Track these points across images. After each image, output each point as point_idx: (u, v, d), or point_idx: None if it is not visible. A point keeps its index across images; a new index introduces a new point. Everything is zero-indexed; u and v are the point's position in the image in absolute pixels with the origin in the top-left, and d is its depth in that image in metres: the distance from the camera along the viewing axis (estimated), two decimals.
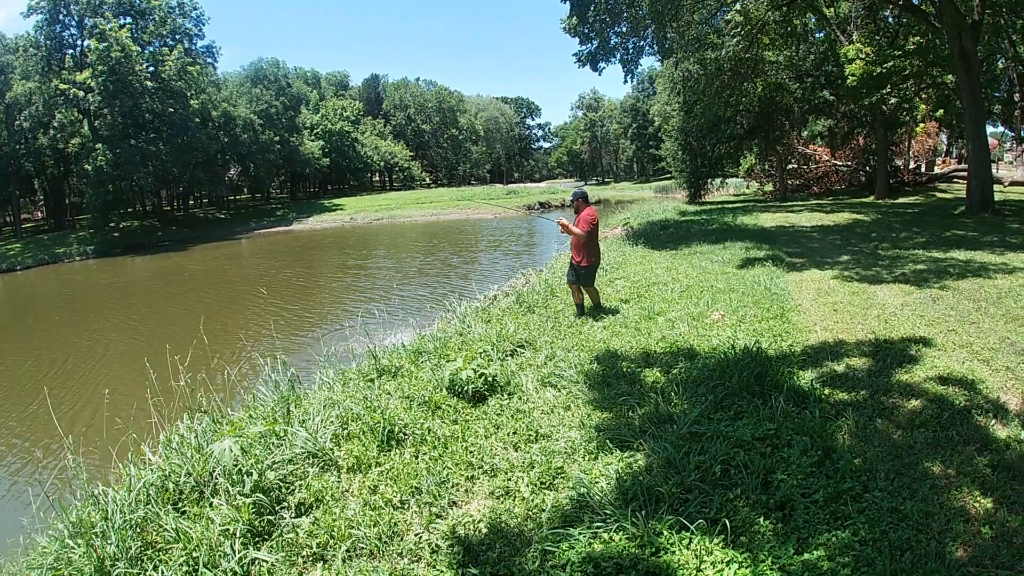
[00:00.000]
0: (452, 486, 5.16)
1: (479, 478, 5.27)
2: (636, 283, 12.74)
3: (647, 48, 26.55)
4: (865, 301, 9.94)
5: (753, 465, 4.80)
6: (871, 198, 30.95)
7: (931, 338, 7.72)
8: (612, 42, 25.37)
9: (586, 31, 24.82)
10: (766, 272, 12.56)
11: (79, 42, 56.41)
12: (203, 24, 63.25)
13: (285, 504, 5.20)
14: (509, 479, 5.12)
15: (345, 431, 6.32)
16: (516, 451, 5.62)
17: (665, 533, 4.08)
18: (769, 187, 42.09)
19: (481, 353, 8.06)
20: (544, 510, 4.61)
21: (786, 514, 4.29)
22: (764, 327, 8.50)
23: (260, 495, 5.02)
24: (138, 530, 4.89)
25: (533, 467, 5.23)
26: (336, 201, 79.21)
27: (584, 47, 25.46)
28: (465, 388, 6.83)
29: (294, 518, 5.00)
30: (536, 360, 8.02)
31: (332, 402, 7.08)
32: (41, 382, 15.43)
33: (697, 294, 10.99)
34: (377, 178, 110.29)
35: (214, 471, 5.45)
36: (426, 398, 6.85)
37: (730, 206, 34.28)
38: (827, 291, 10.92)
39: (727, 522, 4.07)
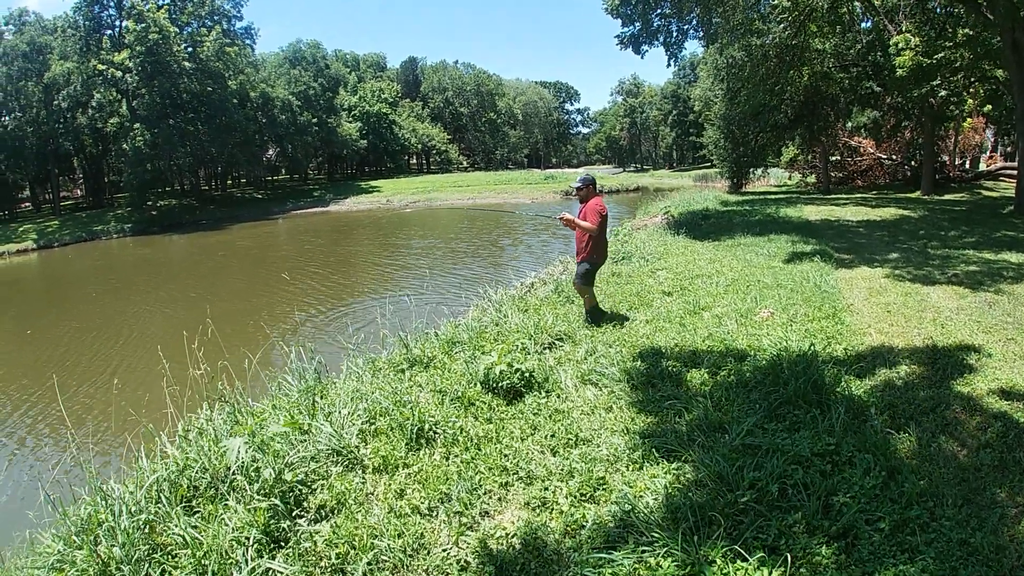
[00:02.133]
0: (484, 493, 4.79)
1: (514, 485, 4.88)
2: (679, 275, 12.22)
3: (691, 32, 25.82)
4: (919, 303, 9.36)
5: (813, 485, 4.34)
6: (916, 194, 29.93)
7: (989, 347, 7.16)
8: (655, 24, 24.65)
9: (628, 12, 24.12)
10: (815, 268, 11.97)
11: (117, 23, 57.13)
12: (242, 5, 63.77)
13: (305, 506, 4.87)
14: (546, 488, 4.72)
15: (372, 427, 5.98)
16: (554, 456, 5.21)
17: (718, 562, 3.65)
18: (812, 179, 41.10)
19: (518, 347, 7.66)
20: (584, 527, 4.21)
21: (849, 543, 3.86)
22: (816, 327, 7.98)
23: (276, 500, 4.66)
24: (146, 531, 4.58)
25: (573, 476, 4.82)
26: (373, 183, 79.17)
27: (626, 29, 24.78)
28: (500, 384, 6.43)
29: (313, 523, 4.67)
30: (575, 355, 7.59)
31: (360, 394, 6.74)
32: (64, 360, 15.42)
33: (743, 289, 10.45)
34: (414, 161, 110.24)
35: (230, 467, 5.12)
36: (459, 393, 6.47)
37: (772, 197, 33.41)
38: (879, 290, 10.33)
39: (788, 555, 3.64)
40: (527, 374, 6.48)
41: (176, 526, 4.53)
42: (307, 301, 20.07)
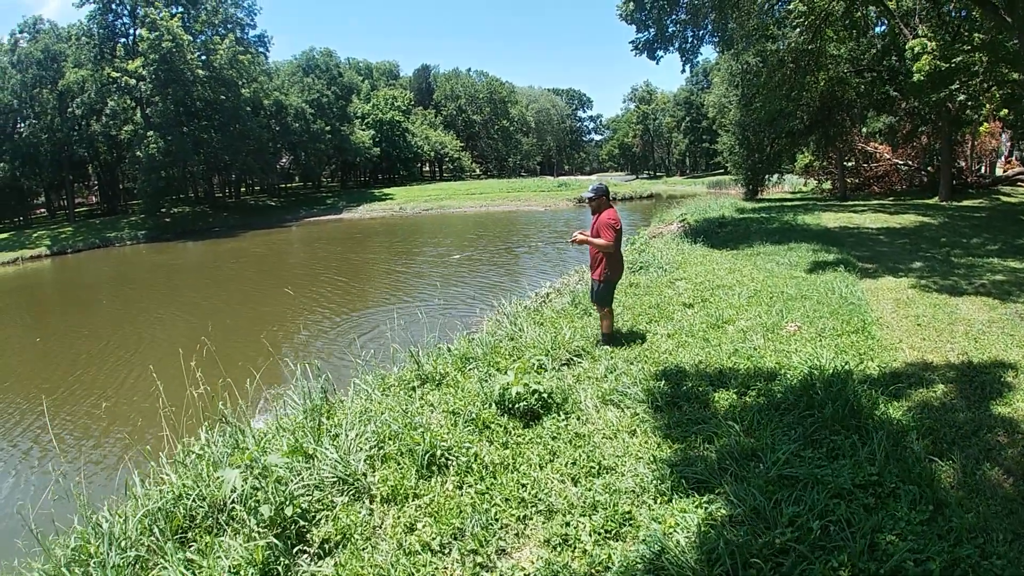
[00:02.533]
0: (501, 528, 4.44)
1: (532, 519, 4.53)
2: (699, 285, 11.84)
3: (707, 37, 25.48)
4: (949, 316, 8.95)
5: (857, 522, 3.99)
6: (934, 200, 29.35)
7: None
8: (670, 30, 24.33)
9: (643, 18, 23.82)
10: (839, 278, 11.55)
11: (131, 31, 57.34)
12: (255, 14, 64.12)
13: (308, 539, 4.55)
14: (567, 524, 4.36)
15: (381, 451, 5.65)
16: (576, 486, 4.86)
17: None
18: (827, 185, 40.59)
19: (535, 364, 7.32)
20: (610, 568, 3.86)
21: None
22: (846, 343, 7.61)
23: (273, 539, 4.31)
24: (137, 568, 4.27)
25: (596, 509, 4.47)
26: (386, 191, 79.03)
27: (641, 35, 24.49)
28: (517, 406, 6.09)
29: (316, 559, 4.36)
30: (595, 372, 7.24)
31: (368, 415, 6.43)
32: (70, 371, 15.17)
33: (767, 300, 10.07)
34: (427, 168, 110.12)
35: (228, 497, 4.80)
36: (473, 415, 6.11)
37: (789, 204, 32.96)
38: (906, 302, 9.92)
39: None
40: (545, 395, 6.13)
41: (168, 563, 4.22)
42: (320, 311, 19.78)
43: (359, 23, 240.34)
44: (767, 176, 41.75)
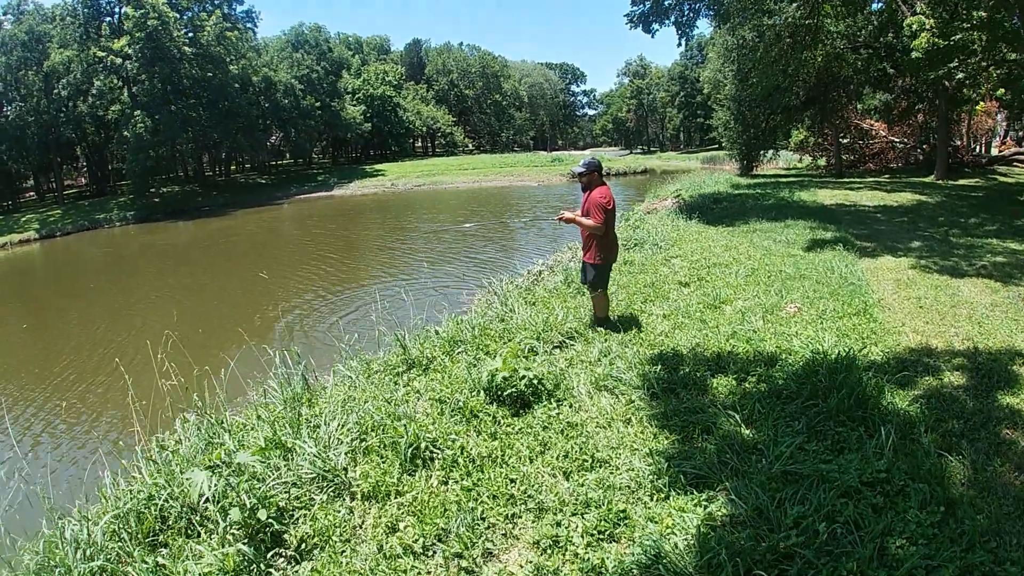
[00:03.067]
0: (487, 528, 4.18)
1: (521, 517, 4.27)
2: (695, 263, 11.56)
3: (704, 10, 24.99)
4: (951, 298, 8.71)
5: (866, 524, 3.75)
6: (930, 178, 29.06)
7: None
8: (666, 3, 23.85)
9: None
10: (838, 257, 11.27)
11: (117, 9, 56.40)
12: None
13: (284, 541, 4.28)
14: (559, 523, 4.10)
15: (363, 444, 5.36)
16: (567, 481, 4.59)
17: None
18: (822, 161, 40.37)
19: (526, 348, 7.04)
20: (603, 574, 3.60)
21: None
22: (848, 325, 7.34)
23: (244, 545, 4.03)
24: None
25: (589, 507, 4.20)
26: (378, 167, 78.37)
27: (636, 7, 23.95)
28: (506, 393, 5.79)
29: (293, 562, 4.09)
30: (588, 355, 6.95)
31: (352, 403, 6.15)
32: (56, 359, 14.87)
33: (765, 280, 9.79)
34: (420, 144, 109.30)
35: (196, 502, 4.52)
36: (460, 403, 5.82)
37: (784, 180, 32.65)
38: (907, 283, 9.66)
39: None
40: (536, 381, 5.83)
41: (137, 572, 3.95)
42: (313, 289, 19.53)
43: None
44: (762, 152, 41.48)
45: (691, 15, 24.01)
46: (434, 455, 5.06)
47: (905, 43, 22.70)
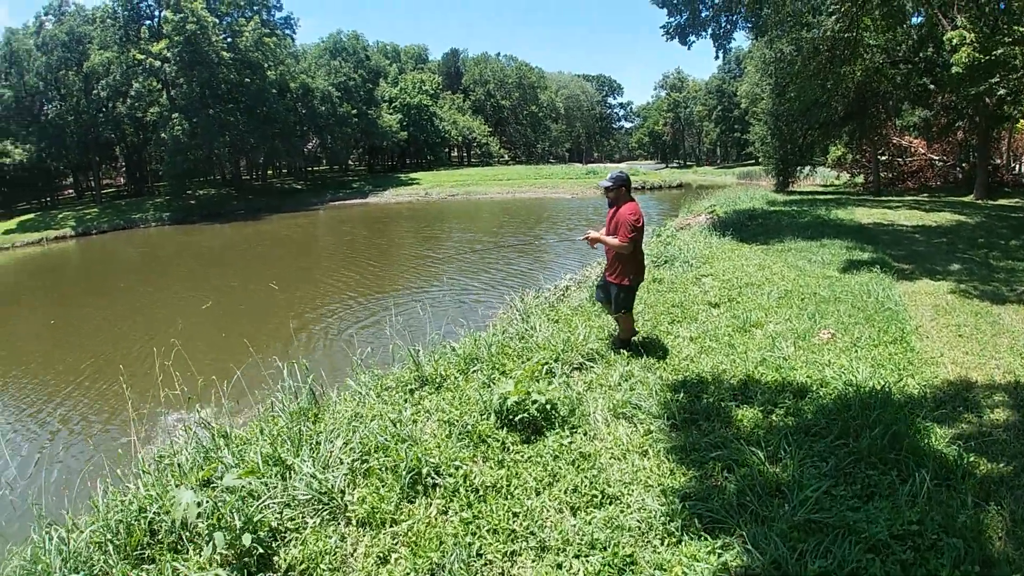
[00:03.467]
0: (484, 564, 3.90)
1: (521, 555, 3.96)
2: (726, 282, 11.16)
3: (740, 23, 24.57)
4: (992, 326, 8.22)
5: None
6: (969, 197, 28.33)
7: None
8: (703, 15, 23.49)
9: (675, 2, 23.01)
10: (874, 279, 10.81)
11: (156, 12, 57.16)
12: None
13: (273, 564, 4.04)
14: (560, 565, 3.79)
15: (364, 465, 5.11)
16: (574, 517, 4.27)
17: None
18: (860, 179, 39.68)
19: (543, 369, 6.72)
20: None
21: None
22: (883, 354, 6.92)
23: (222, 571, 3.79)
24: None
25: (594, 549, 3.88)
26: (413, 175, 78.63)
27: (672, 19, 23.63)
28: (517, 417, 5.49)
29: None
30: (608, 379, 6.62)
31: (358, 420, 5.92)
32: (77, 360, 14.83)
33: (798, 302, 9.38)
34: (455, 153, 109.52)
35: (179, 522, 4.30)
36: (469, 426, 5.54)
37: (821, 197, 32.03)
38: (946, 309, 9.18)
39: None
40: (549, 407, 5.52)
41: None
42: (339, 296, 19.38)
43: (388, 6, 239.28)
44: (799, 168, 40.83)
45: (728, 27, 23.61)
46: (437, 481, 4.78)
47: (945, 58, 22.19)
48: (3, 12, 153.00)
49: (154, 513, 4.50)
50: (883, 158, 37.11)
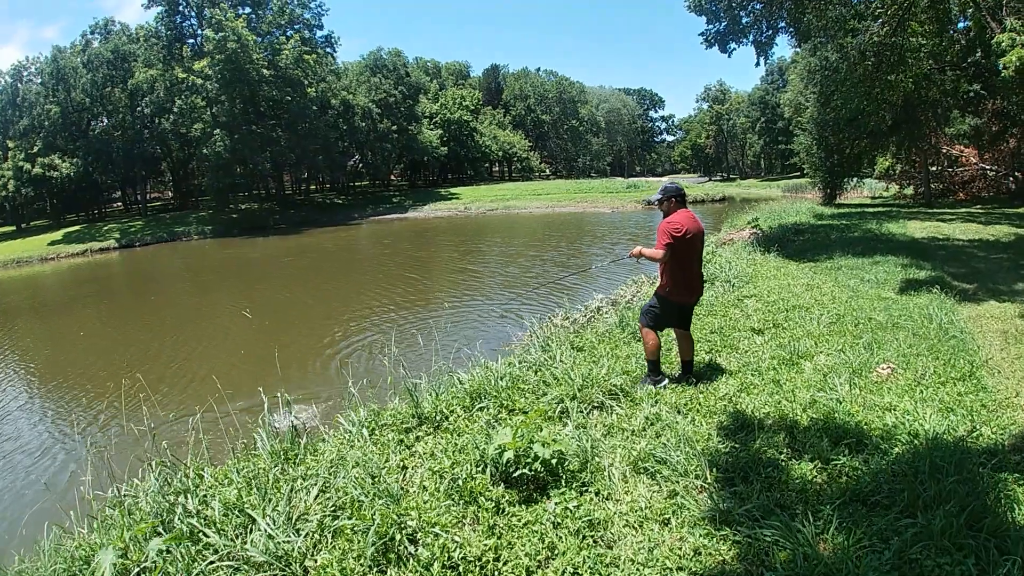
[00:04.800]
0: None
1: None
2: (771, 305, 10.17)
3: (783, 29, 23.56)
4: None
5: None
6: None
7: None
8: (744, 21, 22.54)
9: (714, 8, 22.08)
10: (935, 303, 9.66)
11: (199, 32, 58.12)
12: (322, 15, 64.03)
13: None
14: None
15: (336, 523, 4.34)
16: None
17: None
18: (909, 190, 38.12)
19: (556, 409, 5.89)
20: None
21: None
22: (952, 395, 5.85)
23: None
24: None
25: None
26: (453, 190, 78.54)
27: (712, 26, 22.69)
28: (516, 473, 4.65)
29: None
30: (632, 422, 5.72)
31: (341, 464, 5.20)
32: (95, 376, 14.33)
33: (852, 328, 8.33)
34: (496, 168, 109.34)
35: None
36: (460, 481, 4.72)
37: (870, 210, 30.67)
38: (1017, 336, 8.02)
39: None
40: (554, 460, 4.64)
41: None
42: (370, 312, 18.66)
43: (430, 27, 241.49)
44: (846, 179, 39.39)
45: (770, 33, 22.60)
46: (414, 549, 3.99)
47: (995, 62, 21.00)
48: (53, 32, 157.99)
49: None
50: (933, 168, 35.62)
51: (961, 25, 28.85)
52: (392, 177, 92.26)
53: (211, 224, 55.86)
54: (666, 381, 6.68)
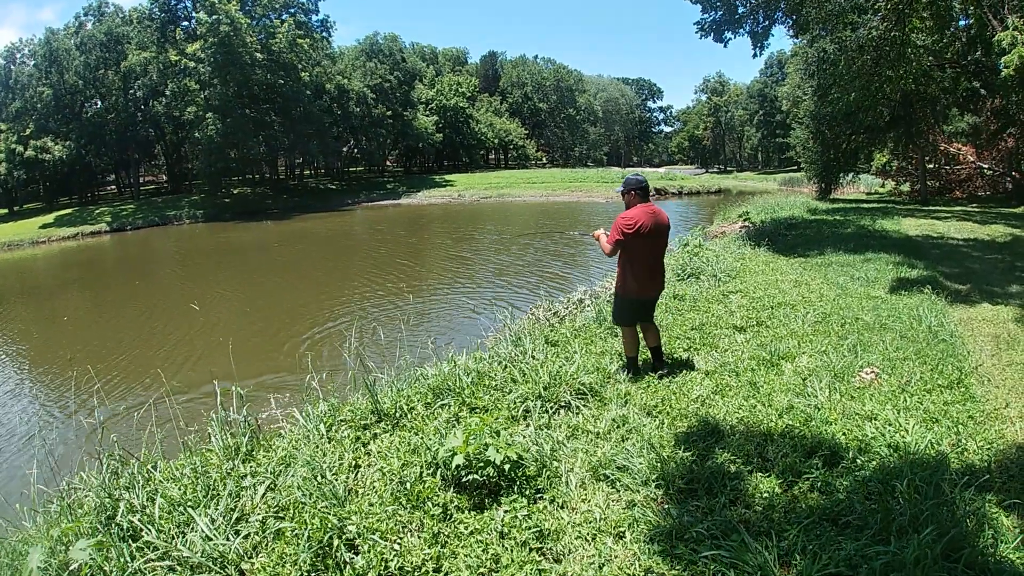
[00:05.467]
0: None
1: None
2: (756, 301, 9.88)
3: (780, 19, 23.22)
4: None
5: None
6: (1021, 208, 26.68)
7: None
8: (740, 11, 22.19)
9: None
10: (925, 302, 9.36)
11: (193, 14, 57.47)
12: None
13: None
14: None
15: (277, 525, 4.10)
16: None
17: None
18: (905, 187, 38.02)
19: (519, 408, 5.61)
20: None
21: None
22: (938, 404, 5.54)
23: None
24: None
25: None
26: (448, 177, 77.96)
27: (707, 15, 22.33)
28: (468, 478, 4.37)
29: None
30: (597, 424, 5.44)
31: (290, 461, 4.97)
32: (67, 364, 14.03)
33: (837, 328, 8.04)
34: (492, 156, 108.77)
35: None
36: (408, 483, 4.45)
37: (865, 206, 30.48)
38: (1009, 341, 7.72)
39: None
40: (507, 465, 4.34)
41: None
42: (352, 298, 18.39)
43: (429, 12, 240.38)
44: (842, 174, 39.21)
45: (766, 23, 22.24)
46: (353, 556, 3.74)
47: (995, 60, 20.78)
48: (50, 13, 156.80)
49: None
50: (930, 166, 35.44)
51: (962, 23, 28.58)
52: (388, 163, 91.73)
53: (203, 208, 55.35)
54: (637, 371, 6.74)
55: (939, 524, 3.53)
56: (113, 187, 74.18)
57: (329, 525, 3.87)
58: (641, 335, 6.97)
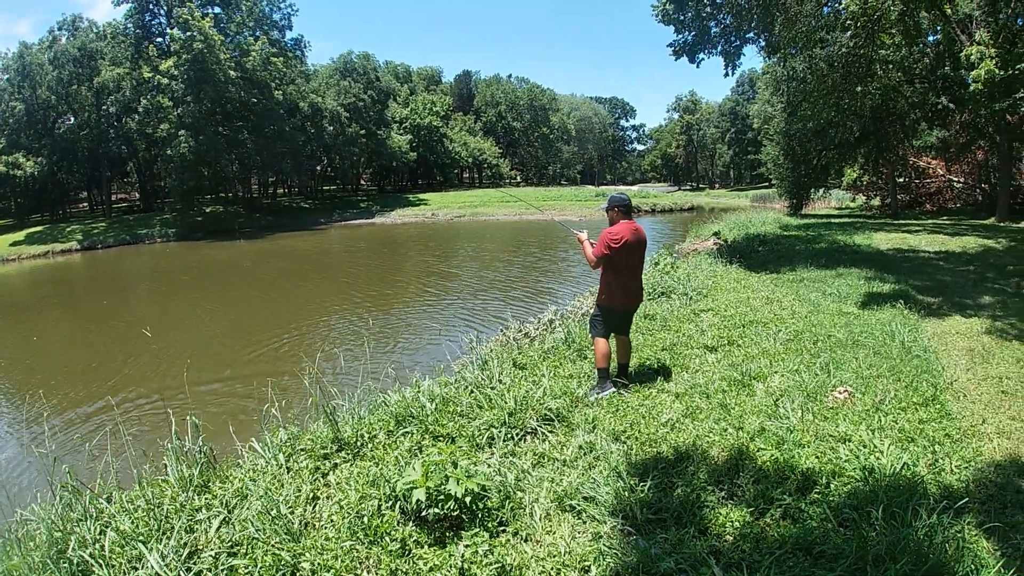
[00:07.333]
0: None
1: None
2: (727, 319, 9.79)
3: (752, 39, 23.37)
4: None
5: None
6: (991, 220, 27.03)
7: None
8: (712, 32, 22.30)
9: (682, 19, 21.79)
10: (898, 318, 9.37)
11: (167, 31, 57.10)
12: (292, 15, 63.42)
13: None
14: None
15: (230, 561, 3.93)
16: None
17: None
18: (876, 202, 38.71)
19: (483, 436, 5.45)
20: None
21: None
22: (913, 423, 5.43)
23: None
24: None
25: None
26: (422, 196, 77.77)
27: (680, 36, 22.41)
28: (429, 511, 4.17)
29: None
30: (563, 452, 5.28)
31: (249, 494, 4.73)
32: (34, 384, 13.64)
33: (810, 346, 7.96)
34: (466, 175, 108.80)
35: None
36: (366, 517, 4.25)
37: (836, 220, 30.74)
38: (983, 355, 7.70)
39: None
40: (469, 499, 4.16)
41: None
42: (324, 320, 18.12)
43: (403, 31, 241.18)
44: (813, 190, 39.65)
45: (738, 43, 22.37)
46: None
47: (963, 75, 21.17)
48: (26, 26, 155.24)
49: None
50: (900, 180, 35.92)
51: (931, 39, 29.03)
52: (361, 182, 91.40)
53: (175, 227, 54.70)
54: (612, 389, 6.70)
55: (916, 553, 3.40)
56: (85, 204, 73.36)
57: (282, 562, 3.71)
58: (613, 350, 7.04)
